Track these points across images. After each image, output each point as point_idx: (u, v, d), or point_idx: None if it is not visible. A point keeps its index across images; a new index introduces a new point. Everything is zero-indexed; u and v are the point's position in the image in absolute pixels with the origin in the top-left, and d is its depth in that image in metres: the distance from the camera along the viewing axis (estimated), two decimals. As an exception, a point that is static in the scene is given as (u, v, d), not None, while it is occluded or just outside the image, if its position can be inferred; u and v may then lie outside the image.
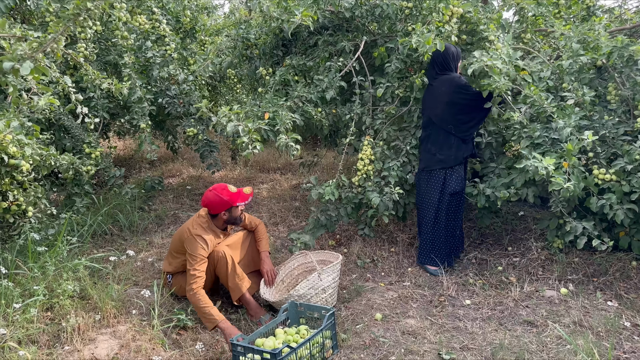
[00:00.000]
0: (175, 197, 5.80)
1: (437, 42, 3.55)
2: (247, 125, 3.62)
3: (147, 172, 6.92)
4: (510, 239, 4.50)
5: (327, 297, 3.36)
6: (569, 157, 3.31)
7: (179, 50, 5.47)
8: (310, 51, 4.69)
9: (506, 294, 3.63)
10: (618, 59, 3.83)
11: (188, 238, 3.28)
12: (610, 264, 3.79)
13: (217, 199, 3.31)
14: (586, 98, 3.65)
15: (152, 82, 5.16)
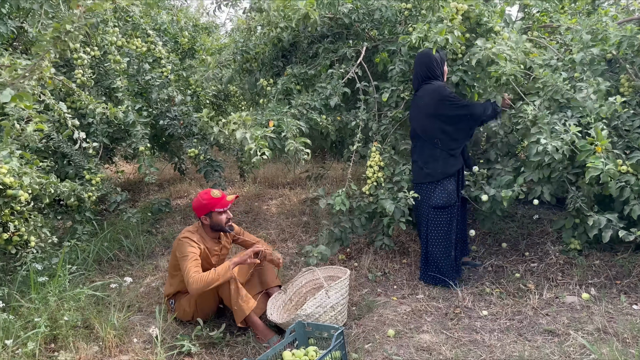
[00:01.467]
0: (183, 219, 5.72)
1: (449, 35, 3.42)
2: (254, 133, 3.54)
3: (155, 194, 6.88)
4: (527, 244, 4.31)
5: (337, 315, 3.21)
6: (599, 140, 3.11)
7: (179, 71, 5.44)
8: (311, 60, 4.61)
9: (525, 302, 3.45)
10: (628, 49, 3.67)
11: (177, 245, 3.26)
12: (633, 265, 3.59)
13: (198, 202, 3.32)
14: (602, 87, 3.46)
15: (152, 104, 5.12)
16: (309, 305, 3.10)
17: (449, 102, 3.50)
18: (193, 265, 3.11)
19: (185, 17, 6.08)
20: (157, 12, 5.57)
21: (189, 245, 3.19)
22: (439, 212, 3.67)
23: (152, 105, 5.14)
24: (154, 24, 5.47)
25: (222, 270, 3.09)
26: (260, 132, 3.57)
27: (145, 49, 4.95)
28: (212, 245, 3.37)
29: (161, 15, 5.56)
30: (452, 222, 3.72)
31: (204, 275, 3.06)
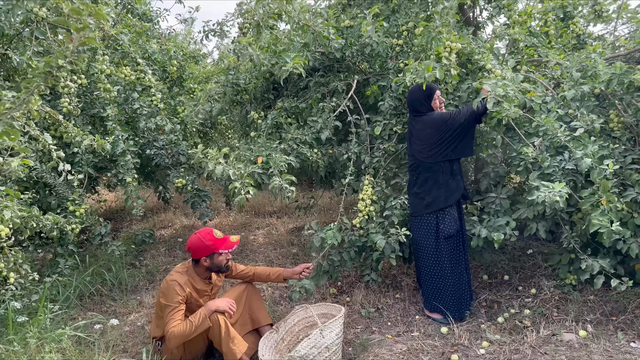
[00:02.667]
0: (168, 250, 5.58)
1: (437, 70, 3.43)
2: (238, 168, 3.45)
3: (138, 224, 6.71)
4: (520, 277, 4.29)
5: (331, 356, 3.11)
6: (605, 193, 3.12)
7: (167, 100, 5.37)
8: (302, 93, 4.59)
9: (522, 339, 3.39)
10: (618, 86, 3.71)
11: (164, 287, 3.08)
12: (628, 301, 3.58)
13: (199, 243, 3.13)
14: (596, 125, 3.50)
15: (139, 133, 5.02)
16: (303, 346, 2.99)
17: (450, 123, 3.50)
18: (173, 319, 2.96)
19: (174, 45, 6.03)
20: (146, 40, 5.51)
21: (174, 293, 3.02)
22: (448, 242, 3.63)
23: (139, 134, 5.04)
24: (143, 53, 5.40)
25: (198, 321, 2.95)
26: (245, 168, 3.50)
27: (134, 78, 4.87)
28: (202, 286, 3.23)
29: (150, 44, 5.49)
30: (461, 250, 3.70)
31: (179, 328, 2.92)
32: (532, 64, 4.69)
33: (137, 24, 5.26)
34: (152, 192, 7.34)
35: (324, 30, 3.91)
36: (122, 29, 4.83)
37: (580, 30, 5.01)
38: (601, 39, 5.40)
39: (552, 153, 3.54)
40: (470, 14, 5.25)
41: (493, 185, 4.03)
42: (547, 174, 3.44)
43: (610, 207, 3.08)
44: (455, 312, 3.69)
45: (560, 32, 4.97)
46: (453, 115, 3.51)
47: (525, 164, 3.57)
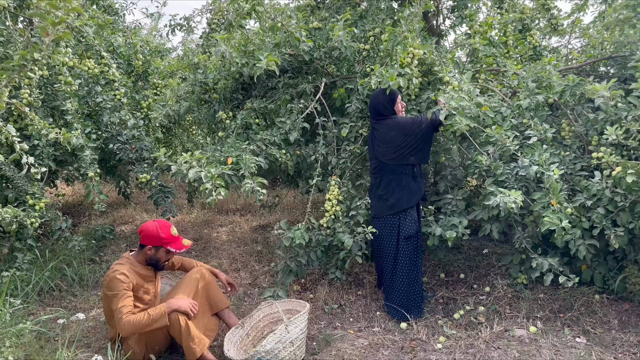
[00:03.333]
0: (128, 246, 5.52)
1: (400, 79, 3.57)
2: (209, 171, 3.48)
3: (97, 219, 6.60)
4: (475, 276, 4.49)
5: (296, 350, 3.19)
6: (555, 194, 3.32)
7: (131, 94, 5.31)
8: (271, 94, 4.64)
9: (476, 335, 3.57)
10: (570, 97, 3.95)
11: (107, 281, 3.01)
12: (574, 299, 3.81)
13: (154, 231, 3.14)
14: (548, 134, 3.73)
15: (102, 127, 4.95)
16: (268, 341, 3.06)
17: (413, 127, 3.62)
18: (125, 304, 2.90)
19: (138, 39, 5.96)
20: (110, 33, 5.43)
21: (118, 282, 2.96)
22: (408, 242, 3.77)
23: (102, 129, 4.97)
24: (108, 46, 5.32)
25: (156, 316, 2.90)
26: (216, 170, 3.54)
27: (98, 71, 4.80)
28: (145, 271, 3.20)
29: (115, 37, 5.42)
30: (419, 251, 3.85)
31: (136, 317, 2.86)
32: (490, 73, 4.91)
33: (101, 17, 5.18)
34: (113, 187, 7.22)
35: (296, 31, 3.98)
36: (86, 21, 4.75)
37: (537, 42, 5.28)
38: (556, 51, 5.70)
39: (507, 160, 3.74)
40: (434, 22, 5.44)
41: (450, 188, 4.21)
42: (501, 180, 3.64)
43: (560, 208, 3.30)
44: (408, 310, 3.83)
45: (518, 43, 5.22)
46: (416, 120, 3.65)
47: (479, 171, 3.76)
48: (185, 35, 5.49)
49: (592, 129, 3.89)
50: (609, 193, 3.43)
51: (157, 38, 7.36)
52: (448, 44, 5.96)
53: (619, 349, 3.28)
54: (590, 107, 3.94)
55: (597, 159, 3.49)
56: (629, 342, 3.35)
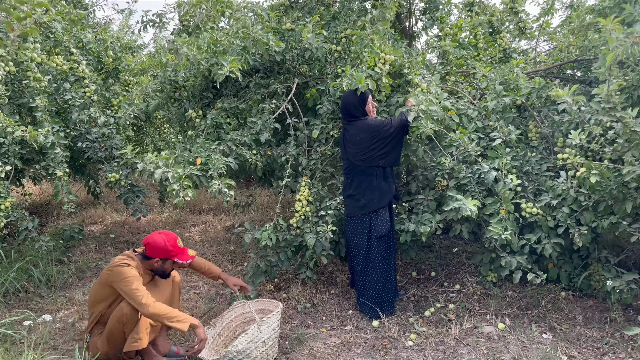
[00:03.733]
0: (98, 247, 5.42)
1: (368, 81, 3.60)
2: (177, 172, 3.45)
3: (65, 219, 6.46)
4: (446, 274, 4.56)
5: (268, 350, 3.19)
6: (505, 203, 3.42)
7: (101, 92, 5.21)
8: (242, 93, 4.62)
9: (446, 332, 3.63)
10: (536, 99, 4.05)
11: (112, 272, 2.97)
12: (541, 296, 3.91)
13: (162, 245, 3.11)
14: (512, 137, 3.82)
15: (70, 125, 4.85)
16: (240, 341, 3.05)
17: (383, 130, 3.65)
18: (139, 290, 2.86)
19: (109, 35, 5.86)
20: (79, 29, 5.32)
21: (128, 268, 2.95)
22: (380, 241, 3.80)
23: (71, 126, 4.87)
24: (77, 42, 5.21)
25: (182, 317, 2.87)
26: (183, 170, 3.51)
27: (67, 67, 4.70)
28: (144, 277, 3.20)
29: (85, 34, 5.31)
30: (392, 249, 3.89)
31: (160, 309, 2.83)
32: (461, 75, 5.00)
33: (71, 12, 5.08)
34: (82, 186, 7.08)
35: (262, 37, 3.97)
36: (55, 16, 4.65)
37: (507, 45, 5.39)
38: (525, 53, 5.82)
39: (472, 161, 3.82)
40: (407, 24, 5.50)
41: (422, 188, 4.26)
42: (463, 184, 3.73)
43: (508, 217, 3.41)
44: (383, 308, 3.88)
45: (489, 46, 5.33)
46: (386, 123, 3.69)
47: (442, 174, 3.84)
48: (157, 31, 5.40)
49: (557, 131, 3.99)
50: (574, 193, 3.53)
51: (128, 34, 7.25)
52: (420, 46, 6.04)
53: (583, 344, 3.38)
54: (556, 109, 4.04)
55: (563, 160, 3.58)
56: (593, 337, 3.45)
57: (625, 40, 2.75)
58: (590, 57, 4.59)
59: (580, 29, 4.81)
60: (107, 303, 3.09)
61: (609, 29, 2.83)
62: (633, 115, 2.99)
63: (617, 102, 3.01)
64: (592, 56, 4.57)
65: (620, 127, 3.07)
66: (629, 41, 2.74)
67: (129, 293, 2.87)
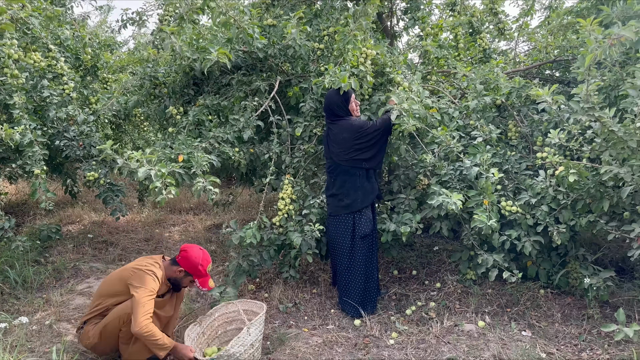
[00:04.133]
0: (76, 247, 5.33)
1: (351, 80, 3.60)
2: (160, 170, 3.40)
3: (42, 219, 6.34)
4: (427, 273, 4.58)
5: (254, 352, 3.17)
6: (488, 195, 3.45)
7: (79, 89, 5.12)
8: (224, 90, 4.57)
9: (427, 330, 3.65)
10: (516, 99, 4.10)
11: (136, 273, 3.00)
12: (521, 294, 3.96)
13: (195, 260, 3.13)
14: (493, 135, 3.86)
15: (48, 123, 4.75)
16: (233, 345, 3.01)
17: (365, 131, 3.66)
18: (150, 306, 2.90)
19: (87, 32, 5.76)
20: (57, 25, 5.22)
21: (151, 281, 2.97)
22: (363, 241, 3.80)
23: (48, 124, 4.78)
24: (55, 39, 5.11)
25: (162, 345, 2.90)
26: (166, 168, 3.47)
27: (45, 64, 4.60)
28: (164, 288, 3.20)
29: (63, 30, 5.21)
30: (374, 249, 3.89)
31: (151, 332, 2.85)
32: (442, 74, 5.03)
33: (48, 8, 4.97)
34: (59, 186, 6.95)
35: (249, 28, 3.94)
36: (31, 12, 4.55)
37: (487, 45, 5.44)
38: (504, 54, 5.89)
39: (453, 159, 3.85)
40: (388, 23, 5.51)
41: (403, 187, 4.28)
42: (445, 180, 3.75)
43: (492, 208, 3.44)
44: (366, 307, 3.88)
45: (470, 46, 5.37)
46: (369, 124, 3.69)
47: (425, 171, 3.86)
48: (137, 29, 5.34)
49: (537, 130, 4.04)
50: (552, 191, 3.57)
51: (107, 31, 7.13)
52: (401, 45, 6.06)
53: (562, 341, 3.43)
54: (536, 108, 4.09)
55: (542, 158, 3.63)
56: (571, 334, 3.50)
57: (604, 41, 2.79)
58: (568, 57, 4.66)
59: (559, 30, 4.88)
60: (118, 300, 3.06)
61: (588, 30, 2.86)
62: (610, 115, 3.03)
63: (595, 102, 3.05)
64: (570, 56, 4.64)
65: (598, 126, 3.11)
66: (607, 42, 2.78)
67: (138, 302, 2.88)
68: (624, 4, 3.68)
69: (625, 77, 3.62)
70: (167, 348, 2.92)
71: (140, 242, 5.66)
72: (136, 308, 2.88)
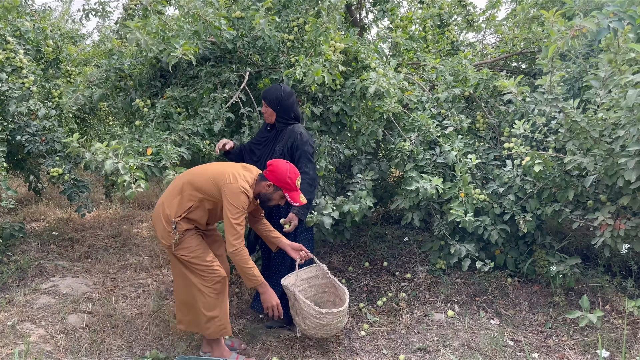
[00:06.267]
0: (40, 245, 5.18)
1: (324, 74, 3.57)
2: (127, 162, 3.32)
3: (5, 216, 6.14)
4: (397, 264, 4.61)
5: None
6: (464, 186, 3.48)
7: (41, 83, 4.96)
8: (192, 82, 4.49)
9: (398, 320, 3.68)
10: (484, 90, 4.14)
11: (232, 186, 2.89)
12: (489, 283, 4.02)
13: (284, 172, 3.00)
14: (464, 125, 3.89)
15: (8, 118, 4.59)
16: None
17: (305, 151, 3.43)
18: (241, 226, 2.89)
19: (49, 24, 5.58)
20: (16, 16, 5.04)
21: (245, 199, 2.90)
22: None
23: (9, 119, 4.61)
24: (14, 30, 4.93)
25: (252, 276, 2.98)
26: (135, 160, 3.38)
27: (3, 57, 4.44)
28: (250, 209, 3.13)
29: (23, 22, 5.03)
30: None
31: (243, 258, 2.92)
32: (411, 67, 5.05)
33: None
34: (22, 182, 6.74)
35: (215, 21, 3.87)
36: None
37: (455, 38, 5.49)
38: (472, 46, 5.95)
39: (426, 148, 3.87)
40: (357, 15, 5.50)
41: (362, 170, 4.20)
42: (421, 165, 3.76)
43: (468, 199, 3.47)
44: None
45: (438, 38, 5.40)
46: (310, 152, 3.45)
47: (402, 157, 3.85)
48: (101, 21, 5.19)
49: (504, 121, 4.10)
50: (519, 181, 3.64)
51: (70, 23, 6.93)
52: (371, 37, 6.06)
53: (529, 329, 3.50)
54: (503, 99, 4.14)
55: (508, 149, 3.68)
56: (538, 321, 3.58)
57: (566, 32, 2.84)
58: (534, 49, 4.73)
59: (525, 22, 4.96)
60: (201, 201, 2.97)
61: (551, 21, 2.90)
62: (574, 106, 3.09)
63: (559, 93, 3.10)
64: (536, 48, 4.71)
65: (562, 117, 3.17)
66: (570, 34, 2.82)
67: (230, 219, 2.87)
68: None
69: (589, 69, 3.70)
70: (257, 280, 2.99)
71: (108, 238, 5.54)
72: (228, 228, 2.88)
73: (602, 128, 3.06)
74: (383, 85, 3.53)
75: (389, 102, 3.48)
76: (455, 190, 3.54)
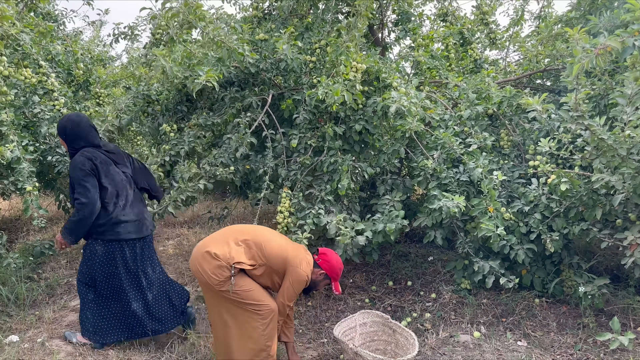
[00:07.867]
0: (69, 263, 5.29)
1: (344, 93, 3.61)
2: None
3: (36, 235, 6.30)
4: (422, 283, 4.57)
5: None
6: (492, 201, 3.44)
7: (71, 104, 5.12)
8: (217, 106, 4.58)
9: (423, 341, 3.63)
10: (508, 108, 4.12)
11: (300, 272, 2.97)
12: (516, 303, 3.94)
13: (336, 263, 3.14)
14: (487, 143, 3.86)
15: (40, 139, 4.74)
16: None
17: None
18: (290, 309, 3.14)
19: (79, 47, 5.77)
20: (49, 41, 5.23)
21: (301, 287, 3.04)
22: None
23: (40, 140, 4.76)
24: (47, 54, 5.11)
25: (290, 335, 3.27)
26: None
27: (36, 80, 4.61)
28: None
29: (54, 46, 5.22)
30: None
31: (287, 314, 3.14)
32: (434, 85, 5.05)
33: (40, 24, 4.98)
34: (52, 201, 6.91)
35: (238, 47, 3.95)
36: (23, 27, 4.56)
37: (478, 55, 5.48)
38: (495, 63, 5.93)
39: (449, 166, 3.85)
40: (380, 35, 5.55)
41: (389, 191, 4.21)
42: (444, 184, 3.74)
43: (497, 215, 3.43)
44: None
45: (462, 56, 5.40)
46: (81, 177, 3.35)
47: (425, 175, 3.84)
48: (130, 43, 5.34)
49: (528, 139, 4.06)
50: (545, 199, 3.58)
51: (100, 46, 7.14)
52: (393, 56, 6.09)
53: (557, 351, 3.42)
54: (527, 117, 4.11)
55: (534, 167, 3.64)
56: (567, 343, 3.49)
57: (591, 50, 2.81)
58: (558, 66, 4.69)
59: (549, 39, 4.92)
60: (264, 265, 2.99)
61: (576, 39, 2.89)
62: (600, 123, 3.05)
63: (584, 111, 3.07)
64: (560, 66, 4.67)
65: (588, 135, 3.13)
66: (594, 52, 2.80)
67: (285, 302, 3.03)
68: (610, 13, 3.71)
69: (615, 86, 3.65)
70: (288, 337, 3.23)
71: (135, 256, 5.62)
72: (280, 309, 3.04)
73: (630, 146, 3.01)
74: (404, 104, 3.54)
75: (411, 121, 3.49)
76: (483, 206, 3.50)
